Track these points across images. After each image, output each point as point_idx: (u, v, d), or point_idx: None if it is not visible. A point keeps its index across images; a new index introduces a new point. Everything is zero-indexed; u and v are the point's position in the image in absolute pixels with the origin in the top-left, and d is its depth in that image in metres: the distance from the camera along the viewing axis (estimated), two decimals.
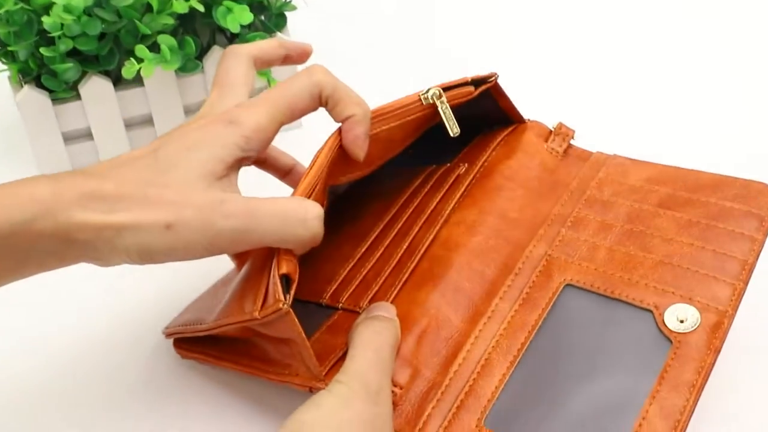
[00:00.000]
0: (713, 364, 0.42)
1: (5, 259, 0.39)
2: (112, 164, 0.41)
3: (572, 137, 0.57)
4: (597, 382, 0.42)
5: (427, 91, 0.50)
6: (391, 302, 0.48)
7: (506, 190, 0.53)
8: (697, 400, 0.41)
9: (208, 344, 0.50)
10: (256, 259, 0.46)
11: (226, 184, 0.42)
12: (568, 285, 0.47)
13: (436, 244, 0.50)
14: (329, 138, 0.46)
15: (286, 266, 0.42)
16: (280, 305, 0.41)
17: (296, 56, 0.49)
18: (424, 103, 0.50)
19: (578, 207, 0.52)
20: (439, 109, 0.50)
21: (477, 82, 0.53)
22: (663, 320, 0.44)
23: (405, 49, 0.82)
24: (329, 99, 0.45)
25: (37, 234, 0.38)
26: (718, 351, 0.42)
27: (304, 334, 0.42)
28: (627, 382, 0.42)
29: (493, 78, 0.54)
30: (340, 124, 0.47)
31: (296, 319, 0.41)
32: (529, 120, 0.58)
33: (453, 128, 0.51)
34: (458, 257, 0.49)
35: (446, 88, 0.51)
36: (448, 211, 0.52)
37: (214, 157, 0.41)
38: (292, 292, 0.42)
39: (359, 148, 0.46)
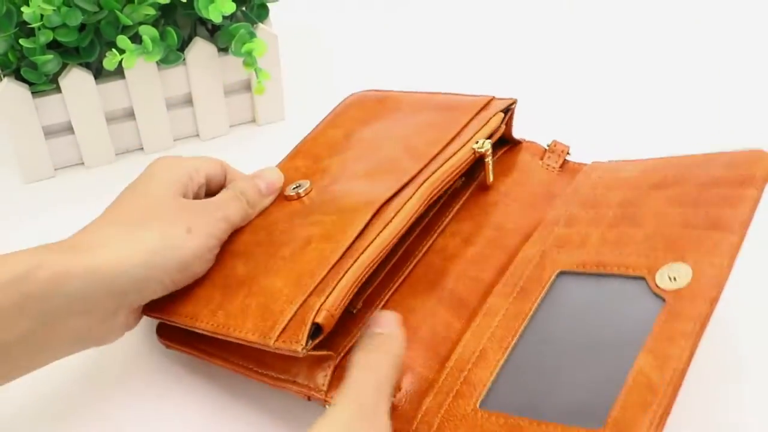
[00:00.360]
0: (710, 313, 0.40)
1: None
2: (96, 223, 0.47)
3: (567, 153, 0.58)
4: (593, 354, 0.42)
5: (482, 145, 0.52)
6: (385, 304, 0.48)
7: (502, 204, 0.54)
8: (695, 347, 0.38)
9: (195, 336, 0.48)
10: (294, 272, 0.45)
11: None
12: (561, 272, 0.47)
13: (432, 253, 0.51)
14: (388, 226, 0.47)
15: (324, 318, 0.42)
16: (299, 349, 0.41)
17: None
18: (475, 155, 0.52)
19: (572, 207, 0.52)
20: (487, 160, 0.53)
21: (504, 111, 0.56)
22: (655, 282, 0.43)
23: (388, 40, 0.82)
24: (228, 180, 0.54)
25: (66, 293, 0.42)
26: (714, 300, 0.40)
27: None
28: (622, 348, 0.41)
29: (514, 105, 0.56)
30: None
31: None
32: (524, 140, 0.59)
33: (491, 177, 0.54)
34: (454, 266, 0.50)
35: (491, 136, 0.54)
36: (445, 223, 0.53)
37: (172, 184, 0.49)
38: (316, 341, 0.42)
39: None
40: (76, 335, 0.43)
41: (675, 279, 0.42)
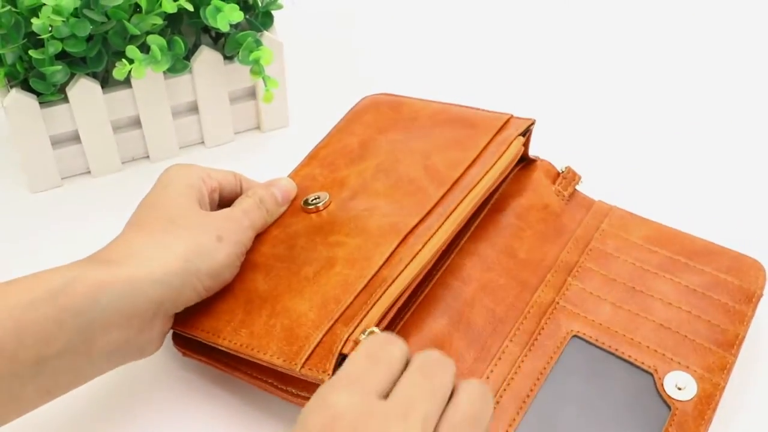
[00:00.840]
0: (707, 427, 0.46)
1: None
2: (123, 237, 0.48)
3: (578, 182, 0.59)
4: (606, 428, 0.46)
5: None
6: (404, 324, 0.49)
7: (516, 228, 0.55)
8: None
9: (211, 346, 0.48)
10: (322, 297, 0.46)
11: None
12: (575, 336, 0.50)
13: (449, 273, 0.52)
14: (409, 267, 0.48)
15: (351, 348, 0.43)
16: (325, 377, 0.42)
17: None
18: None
19: (583, 257, 0.55)
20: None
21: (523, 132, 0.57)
22: (662, 385, 0.48)
23: (391, 46, 0.82)
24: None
25: (102, 307, 0.42)
26: (710, 421, 0.46)
27: None
28: None
29: (533, 125, 0.57)
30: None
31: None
32: (538, 158, 0.60)
33: None
34: (471, 291, 0.51)
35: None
36: (462, 241, 0.54)
37: (187, 189, 0.50)
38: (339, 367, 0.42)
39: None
40: (115, 348, 0.44)
41: (681, 389, 0.47)
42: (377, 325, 0.44)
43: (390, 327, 0.48)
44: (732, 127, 0.72)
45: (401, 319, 0.49)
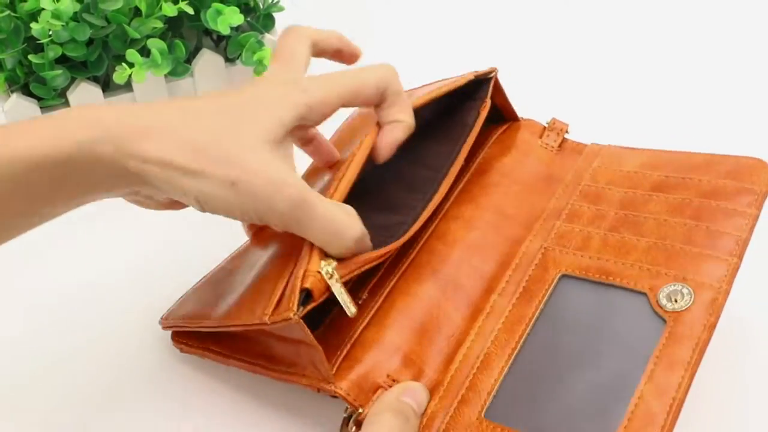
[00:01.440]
0: (708, 340, 0.42)
1: (62, 183, 0.39)
2: (183, 105, 0.42)
3: (566, 131, 0.58)
4: (594, 367, 0.43)
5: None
6: (390, 292, 0.48)
7: (502, 186, 0.54)
8: (693, 376, 0.40)
9: (209, 339, 0.50)
10: (278, 259, 0.45)
11: (285, 152, 0.43)
12: (563, 275, 0.48)
13: (434, 238, 0.51)
14: (367, 136, 0.46)
15: (312, 283, 0.42)
16: (291, 315, 0.41)
17: (347, 55, 0.50)
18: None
19: (573, 199, 0.52)
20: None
21: (479, 79, 0.54)
22: (657, 301, 0.44)
23: (393, 47, 0.82)
24: (389, 98, 0.46)
25: (96, 158, 0.38)
26: (713, 327, 0.42)
27: (315, 341, 0.42)
28: (623, 366, 0.42)
29: (493, 74, 0.55)
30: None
31: (307, 329, 0.41)
32: (522, 118, 0.59)
33: None
34: (457, 252, 0.50)
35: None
36: (446, 206, 0.52)
37: (279, 118, 0.42)
38: (309, 308, 0.41)
39: (388, 152, 0.47)
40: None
41: (676, 300, 0.43)
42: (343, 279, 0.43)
43: (376, 294, 0.47)
44: (721, 74, 0.74)
45: (387, 286, 0.48)
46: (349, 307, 0.43)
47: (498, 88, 0.56)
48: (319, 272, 0.42)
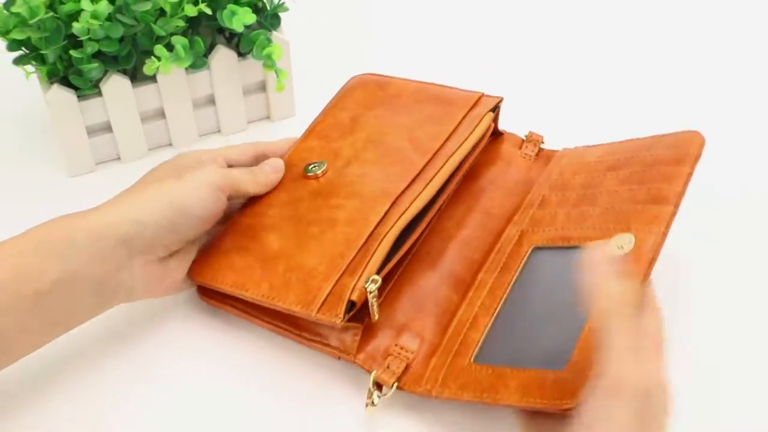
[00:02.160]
0: (649, 271, 0.48)
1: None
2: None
3: (542, 142, 0.67)
4: (559, 313, 0.51)
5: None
6: (398, 279, 0.57)
7: (488, 191, 0.63)
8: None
9: (239, 299, 0.56)
10: (328, 248, 0.54)
11: None
12: (535, 248, 0.57)
13: (433, 234, 0.60)
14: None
15: (357, 296, 0.51)
16: (338, 321, 0.50)
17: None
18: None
19: (544, 191, 0.61)
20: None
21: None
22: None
23: (393, 47, 0.89)
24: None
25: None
26: (653, 261, 0.49)
27: (357, 342, 0.53)
28: (580, 307, 0.49)
29: (500, 103, 0.65)
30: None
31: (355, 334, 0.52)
32: (504, 132, 0.68)
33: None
34: (451, 246, 0.59)
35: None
36: (443, 206, 0.61)
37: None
38: (349, 315, 0.51)
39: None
40: (97, 284, 0.52)
41: (622, 247, 0.50)
42: (378, 274, 0.52)
43: (387, 280, 0.56)
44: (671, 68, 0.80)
45: (396, 275, 0.57)
46: (375, 315, 0.52)
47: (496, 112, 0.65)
48: (365, 288, 0.51)
